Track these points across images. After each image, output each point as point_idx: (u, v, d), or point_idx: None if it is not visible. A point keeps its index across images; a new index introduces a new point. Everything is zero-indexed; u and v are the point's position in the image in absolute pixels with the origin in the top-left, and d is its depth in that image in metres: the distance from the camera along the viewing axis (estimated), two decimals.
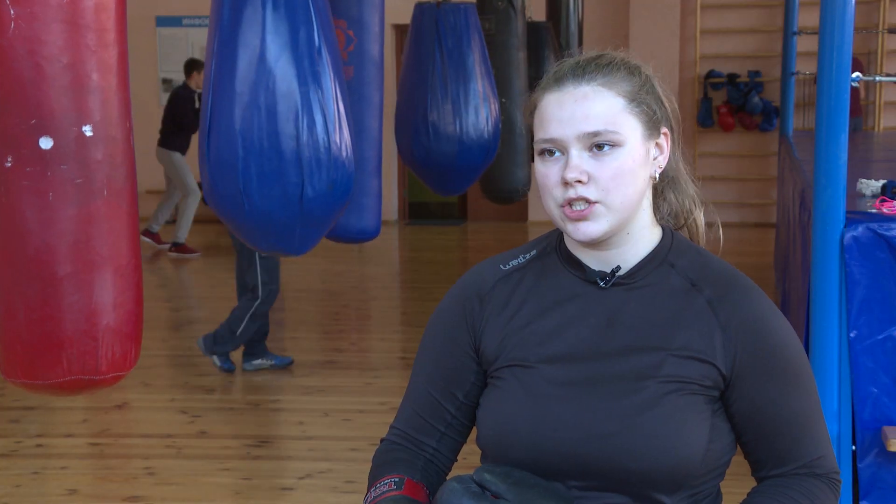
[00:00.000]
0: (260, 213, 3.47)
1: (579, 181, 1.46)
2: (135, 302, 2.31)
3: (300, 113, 3.41)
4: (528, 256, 1.62)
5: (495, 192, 6.91)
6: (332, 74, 3.50)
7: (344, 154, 3.53)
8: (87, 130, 2.14)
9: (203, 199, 3.73)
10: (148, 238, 9.66)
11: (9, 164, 2.10)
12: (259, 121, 3.40)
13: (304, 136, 3.42)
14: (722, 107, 10.67)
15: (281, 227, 3.51)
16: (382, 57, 4.74)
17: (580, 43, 8.36)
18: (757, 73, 10.60)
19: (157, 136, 9.43)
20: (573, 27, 8.27)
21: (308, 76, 3.44)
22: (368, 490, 1.58)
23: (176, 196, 9.63)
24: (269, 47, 3.40)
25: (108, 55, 2.16)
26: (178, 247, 9.46)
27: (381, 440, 1.68)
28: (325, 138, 3.46)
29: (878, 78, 4.15)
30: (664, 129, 1.55)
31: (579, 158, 1.47)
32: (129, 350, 2.29)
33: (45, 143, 2.10)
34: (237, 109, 3.41)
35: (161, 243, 9.73)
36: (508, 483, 1.44)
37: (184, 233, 9.45)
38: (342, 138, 3.52)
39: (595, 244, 1.53)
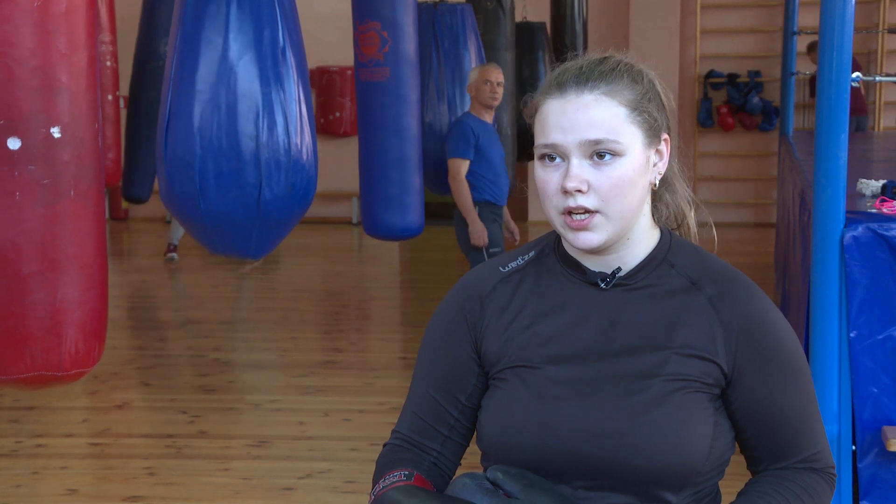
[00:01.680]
0: (216, 214, 3.41)
1: (579, 190, 1.46)
2: (99, 300, 2.34)
3: (261, 113, 3.36)
4: (526, 258, 1.62)
5: None
6: (295, 76, 3.45)
7: (305, 157, 3.47)
8: (56, 132, 2.17)
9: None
10: (172, 253, 9.21)
11: None
12: (218, 119, 3.34)
13: (264, 137, 3.36)
14: (722, 107, 10.68)
15: (238, 229, 3.45)
16: (418, 57, 4.74)
17: (585, 43, 8.36)
18: (757, 73, 10.61)
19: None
20: (578, 27, 8.26)
21: (270, 77, 3.39)
22: (376, 483, 1.57)
23: None
24: (232, 46, 3.35)
25: (78, 58, 2.19)
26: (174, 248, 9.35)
27: (384, 444, 1.67)
28: (286, 140, 3.40)
29: (878, 78, 4.15)
30: (664, 136, 1.55)
31: (580, 167, 1.47)
32: (93, 347, 2.33)
33: (13, 143, 2.12)
34: (197, 107, 3.35)
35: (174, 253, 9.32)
36: (522, 484, 1.44)
37: (177, 236, 9.30)
38: (303, 141, 3.46)
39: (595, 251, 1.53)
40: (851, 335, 3.17)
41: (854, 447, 3.20)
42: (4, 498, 4.02)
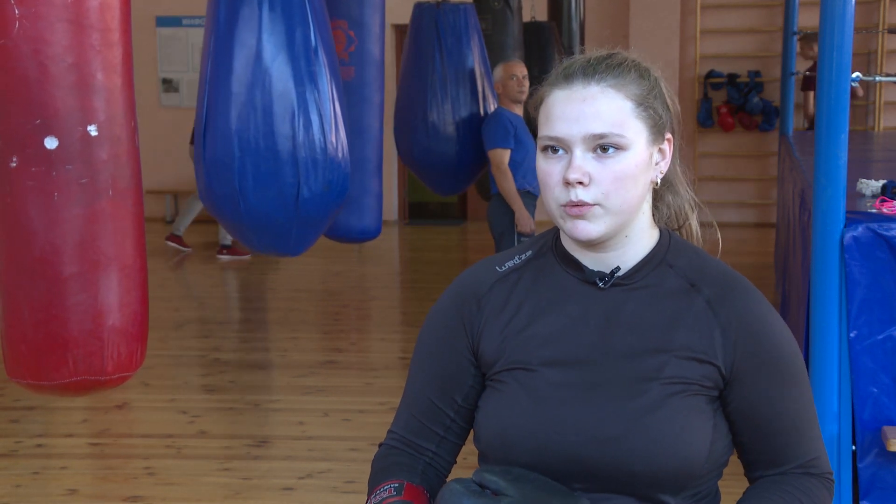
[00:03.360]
0: (256, 213, 3.45)
1: (580, 182, 1.46)
2: (140, 302, 2.30)
3: (296, 113, 3.39)
4: (524, 257, 1.61)
5: (487, 191, 6.93)
6: (328, 75, 3.48)
7: (340, 155, 3.50)
8: (92, 130, 2.13)
9: None
10: (174, 243, 9.33)
11: (14, 165, 2.10)
12: (255, 121, 3.38)
13: (301, 137, 3.40)
14: (722, 107, 10.67)
15: (277, 227, 3.50)
16: (383, 57, 4.74)
17: (582, 43, 8.37)
18: (757, 73, 10.60)
19: (189, 135, 9.40)
20: (575, 27, 8.27)
21: (304, 76, 3.42)
22: (368, 497, 1.57)
23: None
24: (266, 47, 3.39)
25: (113, 55, 2.15)
26: (176, 238, 9.37)
27: (380, 445, 1.67)
28: (322, 139, 3.44)
29: (878, 78, 4.15)
30: (668, 135, 1.55)
31: (582, 159, 1.46)
32: (135, 350, 2.29)
33: (51, 142, 2.10)
34: (233, 109, 3.39)
35: (186, 247, 9.40)
36: (508, 479, 1.43)
37: (183, 226, 9.36)
38: (338, 139, 3.50)
39: (592, 245, 1.52)
40: (851, 335, 3.17)
41: (854, 447, 3.20)
42: (4, 498, 4.02)
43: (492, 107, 5.86)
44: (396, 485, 1.54)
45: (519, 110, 5.75)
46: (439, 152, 5.84)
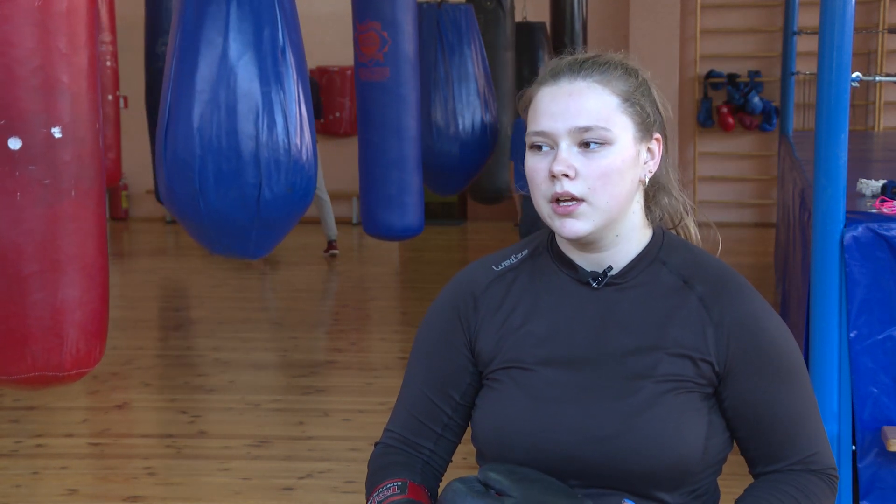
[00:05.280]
0: (216, 213, 3.40)
1: (566, 175, 1.46)
2: (100, 300, 2.33)
3: (261, 113, 3.35)
4: (520, 256, 1.62)
5: (481, 192, 6.95)
6: (295, 76, 3.44)
7: (305, 157, 3.46)
8: (56, 132, 2.16)
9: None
10: (333, 249, 9.11)
11: None
12: (218, 119, 3.33)
13: (264, 137, 3.36)
14: (722, 107, 10.67)
15: (237, 228, 3.45)
16: (417, 57, 4.74)
17: (585, 43, 8.37)
18: (757, 73, 10.60)
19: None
20: (577, 27, 8.27)
21: (270, 76, 3.38)
22: (370, 495, 1.57)
23: (323, 194, 8.97)
24: (232, 45, 3.35)
25: (79, 58, 2.19)
26: (333, 244, 9.18)
27: (376, 444, 1.67)
28: (286, 140, 3.40)
29: (878, 78, 4.15)
30: (657, 135, 1.55)
31: (568, 153, 1.47)
32: (94, 347, 2.32)
33: (14, 143, 2.12)
34: (196, 107, 3.34)
35: (335, 249, 9.20)
36: (512, 479, 1.43)
37: (333, 229, 9.12)
38: (303, 141, 3.45)
39: (584, 245, 1.53)
40: (851, 335, 3.17)
41: (854, 447, 3.20)
42: (4, 498, 4.02)
43: (493, 107, 5.86)
44: (399, 483, 1.55)
45: None
46: (442, 152, 5.84)
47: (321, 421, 4.90)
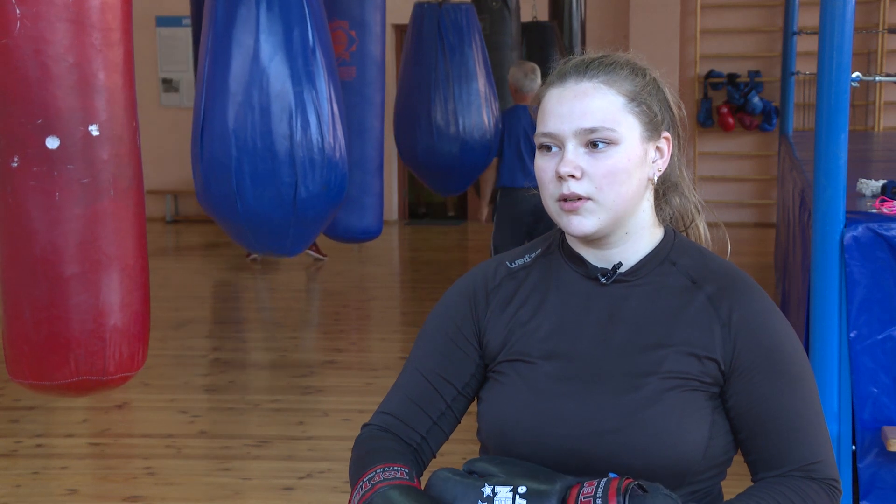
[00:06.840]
0: (253, 213, 3.44)
1: (572, 175, 1.48)
2: (141, 302, 2.29)
3: (294, 113, 3.39)
4: (533, 255, 1.64)
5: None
6: (326, 74, 3.47)
7: (338, 154, 3.50)
8: (94, 130, 2.13)
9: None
10: (312, 252, 9.07)
11: (15, 164, 2.10)
12: (253, 120, 3.37)
13: (298, 136, 3.39)
14: (722, 107, 10.68)
15: (274, 227, 3.49)
16: (384, 57, 4.74)
17: (583, 42, 8.37)
18: (757, 73, 10.61)
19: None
20: (576, 26, 8.28)
21: (302, 76, 3.41)
22: (362, 476, 1.49)
23: None
24: (263, 47, 3.38)
25: (114, 54, 2.15)
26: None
27: (364, 425, 1.64)
28: (320, 138, 3.43)
29: (878, 78, 4.15)
30: (665, 134, 1.55)
31: (574, 153, 1.48)
32: (137, 350, 2.28)
33: (52, 142, 2.09)
34: (231, 109, 3.38)
35: (323, 254, 9.18)
36: (496, 463, 1.44)
37: None
38: (336, 139, 3.49)
39: (593, 242, 1.54)
40: (851, 335, 3.17)
41: (854, 447, 3.21)
42: (4, 498, 4.02)
43: (494, 107, 5.86)
44: (407, 470, 1.50)
45: None
46: (443, 152, 5.84)
47: (321, 421, 4.90)
